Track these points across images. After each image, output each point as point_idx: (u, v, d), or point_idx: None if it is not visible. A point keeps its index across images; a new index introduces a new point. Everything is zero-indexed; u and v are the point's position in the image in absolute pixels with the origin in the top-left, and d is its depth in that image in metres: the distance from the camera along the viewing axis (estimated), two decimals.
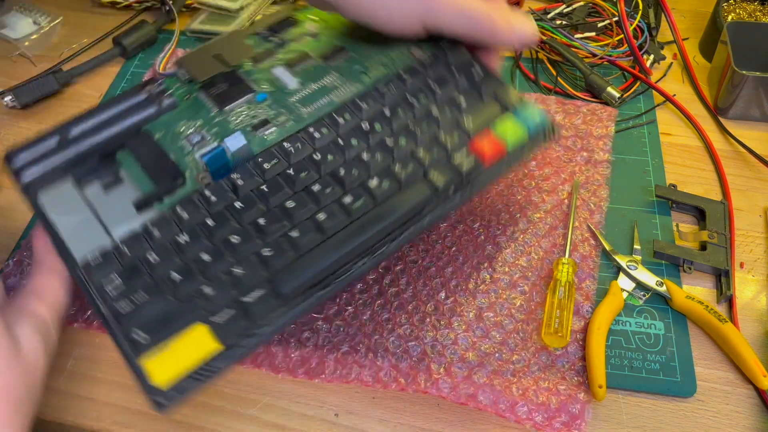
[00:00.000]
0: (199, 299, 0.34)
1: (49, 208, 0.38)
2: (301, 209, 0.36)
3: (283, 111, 0.42)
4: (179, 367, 0.31)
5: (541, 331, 0.40)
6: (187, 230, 0.36)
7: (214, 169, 0.38)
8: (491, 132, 0.39)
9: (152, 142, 0.40)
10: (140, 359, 0.32)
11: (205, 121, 0.41)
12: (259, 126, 0.41)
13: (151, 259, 0.35)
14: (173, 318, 0.33)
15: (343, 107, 0.41)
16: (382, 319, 0.41)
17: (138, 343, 0.32)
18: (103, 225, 0.37)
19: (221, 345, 0.32)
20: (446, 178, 0.37)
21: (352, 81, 0.43)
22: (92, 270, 0.35)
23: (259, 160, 0.39)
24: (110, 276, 0.34)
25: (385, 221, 0.36)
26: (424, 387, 0.38)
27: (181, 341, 0.32)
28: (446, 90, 0.42)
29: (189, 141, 0.40)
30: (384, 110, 0.40)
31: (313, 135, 0.40)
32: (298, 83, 0.43)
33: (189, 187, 0.38)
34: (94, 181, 0.39)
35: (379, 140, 0.39)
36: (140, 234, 0.36)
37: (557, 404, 0.37)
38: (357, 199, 0.36)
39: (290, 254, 0.35)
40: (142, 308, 0.33)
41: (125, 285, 0.34)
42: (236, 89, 0.43)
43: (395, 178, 0.37)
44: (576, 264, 0.43)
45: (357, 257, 0.35)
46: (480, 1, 0.39)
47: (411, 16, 0.39)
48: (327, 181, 0.38)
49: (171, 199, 0.38)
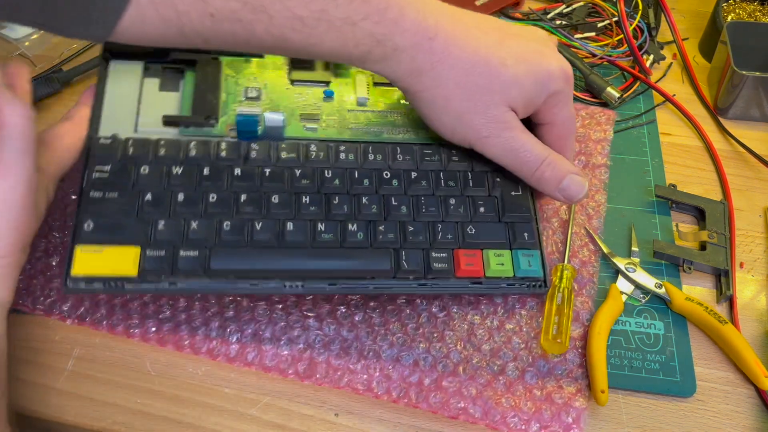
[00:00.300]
0: (151, 227, 0.37)
1: (111, 78, 0.42)
2: (279, 208, 0.39)
3: (335, 116, 0.44)
4: (97, 268, 0.35)
5: (540, 337, 0.40)
6: (184, 165, 0.39)
7: (240, 129, 0.41)
8: (480, 252, 0.40)
9: (217, 76, 0.43)
10: (76, 246, 0.36)
11: (271, 83, 0.44)
12: (307, 117, 0.43)
13: (142, 171, 0.38)
14: (121, 230, 0.37)
15: (381, 146, 0.42)
16: (374, 323, 0.41)
17: (83, 232, 0.36)
18: (137, 117, 0.41)
19: (136, 272, 0.36)
20: (413, 266, 0.38)
21: (410, 128, 0.44)
22: (97, 146, 0.39)
23: (282, 146, 0.41)
24: (103, 164, 0.38)
25: (332, 265, 0.38)
26: (416, 401, 0.37)
27: (113, 251, 0.36)
28: (476, 192, 0.42)
29: (246, 92, 0.43)
30: (412, 172, 0.41)
31: (339, 153, 0.42)
32: (367, 101, 0.45)
33: (216, 130, 0.41)
34: (156, 77, 0.43)
35: (386, 194, 0.41)
36: (151, 143, 0.39)
37: (552, 414, 0.37)
38: (328, 232, 0.38)
39: (241, 239, 0.37)
40: (106, 204, 0.37)
41: (108, 178, 0.38)
42: (318, 75, 0.45)
43: (374, 236, 0.39)
44: (575, 269, 0.43)
45: (292, 278, 0.38)
46: (540, 145, 0.40)
47: (462, 141, 0.40)
48: (318, 199, 0.39)
49: (195, 131, 0.41)
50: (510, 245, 0.40)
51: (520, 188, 0.42)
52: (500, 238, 0.40)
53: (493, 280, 0.39)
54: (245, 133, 0.41)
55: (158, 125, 0.41)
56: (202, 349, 0.39)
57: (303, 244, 0.38)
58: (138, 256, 0.36)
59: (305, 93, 0.44)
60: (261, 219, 0.38)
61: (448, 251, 0.39)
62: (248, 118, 0.41)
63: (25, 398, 0.38)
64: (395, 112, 0.45)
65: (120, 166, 0.38)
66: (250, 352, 0.39)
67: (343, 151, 0.42)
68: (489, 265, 0.39)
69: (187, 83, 0.43)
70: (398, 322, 0.41)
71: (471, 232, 0.40)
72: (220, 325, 0.40)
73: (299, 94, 0.44)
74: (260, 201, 0.39)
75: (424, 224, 0.40)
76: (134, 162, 0.39)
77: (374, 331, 0.40)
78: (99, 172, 0.38)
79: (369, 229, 0.39)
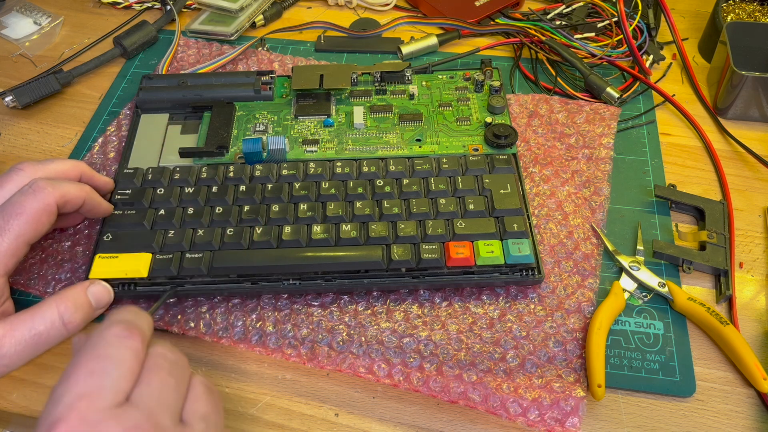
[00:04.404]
0: (162, 237, 0.42)
1: (142, 126, 0.51)
2: (278, 215, 0.43)
3: (335, 140, 0.49)
4: (112, 272, 0.40)
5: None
6: (195, 185, 0.45)
7: (246, 152, 0.46)
8: (470, 243, 0.41)
9: (230, 116, 0.50)
10: (97, 254, 0.41)
11: (279, 119, 0.51)
12: (309, 142, 0.48)
13: (157, 192, 0.45)
14: (136, 239, 0.42)
15: (375, 160, 0.47)
16: (377, 312, 0.41)
17: (103, 242, 0.42)
18: (160, 153, 0.48)
19: (146, 274, 0.40)
20: (404, 257, 0.40)
21: (404, 146, 0.48)
22: (122, 175, 0.46)
23: (284, 165, 0.46)
24: (125, 188, 0.45)
25: (326, 261, 0.40)
26: (416, 385, 0.38)
27: (127, 257, 0.41)
28: (466, 192, 0.44)
29: (255, 127, 0.50)
30: (404, 179, 0.45)
31: (336, 167, 0.46)
32: (365, 126, 0.50)
33: (226, 159, 0.48)
34: (179, 123, 0.51)
35: (379, 198, 0.44)
36: (167, 170, 0.46)
37: (551, 401, 0.37)
38: (323, 232, 0.42)
39: (241, 242, 0.42)
40: (124, 219, 0.43)
41: (128, 199, 0.44)
42: (318, 107, 0.51)
43: (367, 233, 0.42)
44: None
45: (289, 276, 0.41)
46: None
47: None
48: (314, 206, 0.43)
49: (207, 160, 0.47)
50: (501, 237, 0.42)
51: (509, 187, 0.44)
52: (490, 230, 0.42)
53: (486, 268, 0.41)
54: (251, 156, 0.46)
55: (178, 160, 0.48)
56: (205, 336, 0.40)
57: (299, 244, 0.41)
58: (149, 260, 0.41)
59: (307, 123, 0.50)
60: (261, 225, 0.42)
61: (439, 244, 0.41)
62: (252, 141, 0.46)
63: (26, 398, 0.38)
64: (390, 133, 0.49)
65: (139, 189, 0.45)
66: (254, 336, 0.40)
67: (339, 165, 0.46)
68: (479, 254, 0.41)
69: (204, 124, 0.50)
70: (401, 311, 0.41)
71: (461, 227, 0.42)
72: (224, 311, 0.41)
73: (302, 125, 0.50)
74: (261, 211, 0.43)
75: (415, 221, 0.42)
76: (152, 185, 0.45)
77: (377, 318, 0.41)
78: (121, 194, 0.45)
79: (362, 228, 0.42)
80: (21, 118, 0.56)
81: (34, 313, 0.36)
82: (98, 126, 0.54)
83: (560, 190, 0.48)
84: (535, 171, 0.49)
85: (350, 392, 0.39)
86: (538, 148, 0.50)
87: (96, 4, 0.67)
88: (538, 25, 0.60)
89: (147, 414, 0.28)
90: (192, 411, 0.30)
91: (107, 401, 0.27)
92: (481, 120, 0.50)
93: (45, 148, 0.53)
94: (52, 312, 0.36)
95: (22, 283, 0.43)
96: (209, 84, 0.52)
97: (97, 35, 0.63)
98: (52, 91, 0.56)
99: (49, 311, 0.36)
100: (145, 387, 0.29)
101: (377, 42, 0.61)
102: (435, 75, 0.54)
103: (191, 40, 0.61)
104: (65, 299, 0.37)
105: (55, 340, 0.36)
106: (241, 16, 0.62)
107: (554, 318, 0.41)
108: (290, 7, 0.67)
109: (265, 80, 0.52)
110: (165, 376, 0.30)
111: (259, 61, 0.59)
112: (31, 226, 0.37)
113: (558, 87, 0.56)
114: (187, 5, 0.65)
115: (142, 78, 0.52)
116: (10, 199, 0.38)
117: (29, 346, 0.35)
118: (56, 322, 0.36)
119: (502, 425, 0.37)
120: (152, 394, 0.29)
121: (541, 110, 0.53)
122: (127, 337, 0.30)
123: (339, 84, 0.51)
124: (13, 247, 0.37)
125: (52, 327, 0.36)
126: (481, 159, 0.46)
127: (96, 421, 0.26)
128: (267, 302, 0.42)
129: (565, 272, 0.43)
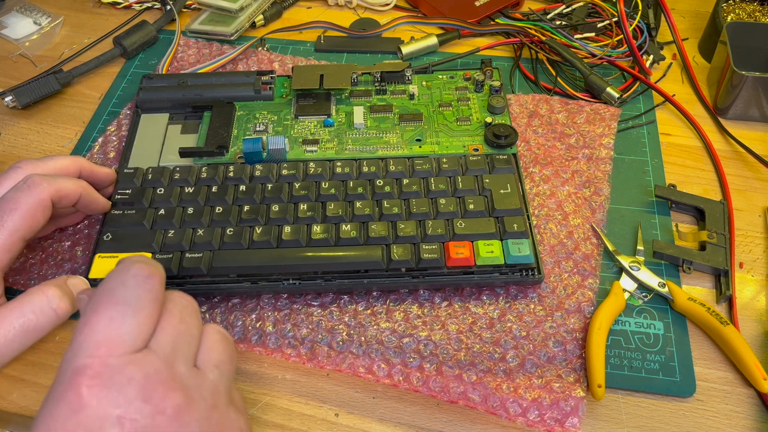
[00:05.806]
0: (162, 236, 0.42)
1: (142, 125, 0.51)
2: (278, 215, 0.43)
3: (335, 140, 0.49)
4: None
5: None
6: (195, 185, 0.45)
7: (246, 152, 0.46)
8: (470, 243, 0.41)
9: (230, 116, 0.50)
10: (96, 254, 0.41)
11: (279, 119, 0.51)
12: (309, 142, 0.48)
13: (157, 192, 0.45)
14: (136, 239, 0.42)
15: (375, 160, 0.47)
16: (377, 312, 0.41)
17: (102, 242, 0.42)
18: (160, 153, 0.48)
19: None
20: (404, 257, 0.40)
21: (404, 146, 0.48)
22: (122, 175, 0.46)
23: (284, 165, 0.46)
24: (125, 188, 0.45)
25: (326, 261, 0.40)
26: (416, 385, 0.38)
27: (126, 256, 0.40)
28: (466, 192, 0.44)
29: (255, 127, 0.50)
30: (404, 179, 0.45)
31: (336, 167, 0.46)
32: (365, 126, 0.50)
33: (226, 158, 0.48)
34: (179, 123, 0.51)
35: (379, 198, 0.44)
36: (167, 170, 0.46)
37: (551, 401, 0.37)
38: (323, 232, 0.42)
39: (241, 242, 0.42)
40: (124, 219, 0.43)
41: (128, 199, 0.44)
42: (318, 107, 0.51)
43: (366, 233, 0.42)
44: None
45: (288, 275, 0.41)
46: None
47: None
48: (314, 206, 0.44)
49: (207, 160, 0.47)
50: (500, 237, 0.42)
51: (509, 187, 0.44)
52: (490, 230, 0.42)
53: (485, 268, 0.41)
54: (251, 156, 0.46)
55: (178, 159, 0.48)
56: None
57: (299, 244, 0.41)
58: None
59: (307, 123, 0.50)
60: (261, 225, 0.43)
61: (439, 244, 0.41)
62: (252, 141, 0.46)
63: (25, 398, 0.38)
64: (390, 133, 0.49)
65: (139, 189, 0.45)
66: (253, 336, 0.40)
67: (339, 165, 0.46)
68: (479, 254, 0.41)
69: (204, 124, 0.50)
70: (400, 311, 0.41)
71: (461, 227, 0.42)
72: (224, 311, 0.41)
73: (302, 125, 0.50)
74: (261, 211, 0.43)
75: (415, 221, 0.42)
76: (152, 185, 0.45)
77: (376, 318, 0.41)
78: (121, 194, 0.44)
79: (362, 228, 0.42)
80: (21, 118, 0.56)
81: (22, 301, 0.36)
82: (98, 126, 0.54)
83: (560, 190, 0.48)
84: (535, 171, 0.49)
85: (350, 392, 0.39)
86: (538, 148, 0.50)
87: (96, 4, 0.67)
88: (538, 25, 0.60)
89: (164, 360, 0.28)
90: (206, 359, 0.31)
91: (127, 347, 0.27)
92: (481, 120, 0.50)
93: (45, 148, 0.53)
94: (41, 298, 0.36)
95: (22, 283, 0.43)
96: (209, 84, 0.52)
97: (97, 35, 0.63)
98: (52, 91, 0.56)
99: (37, 297, 0.36)
100: (162, 333, 0.29)
101: (377, 42, 0.61)
102: (435, 75, 0.54)
103: (191, 40, 0.61)
104: (51, 286, 0.37)
105: (46, 327, 0.36)
106: (241, 16, 0.62)
107: (554, 318, 0.41)
108: (290, 7, 0.67)
109: (265, 80, 0.52)
110: (179, 323, 0.30)
111: (259, 61, 0.59)
112: (26, 221, 0.37)
113: (558, 87, 0.56)
114: (187, 5, 0.65)
115: (142, 78, 0.53)
116: (5, 195, 0.38)
117: (20, 334, 0.35)
118: (45, 308, 0.36)
119: (502, 425, 0.37)
120: (169, 341, 0.29)
121: (541, 110, 0.53)
122: (147, 277, 0.30)
123: (339, 84, 0.51)
124: (8, 243, 0.37)
125: (42, 313, 0.36)
126: (481, 159, 0.46)
127: (118, 367, 0.27)
128: (267, 302, 0.42)
129: (565, 272, 0.43)
